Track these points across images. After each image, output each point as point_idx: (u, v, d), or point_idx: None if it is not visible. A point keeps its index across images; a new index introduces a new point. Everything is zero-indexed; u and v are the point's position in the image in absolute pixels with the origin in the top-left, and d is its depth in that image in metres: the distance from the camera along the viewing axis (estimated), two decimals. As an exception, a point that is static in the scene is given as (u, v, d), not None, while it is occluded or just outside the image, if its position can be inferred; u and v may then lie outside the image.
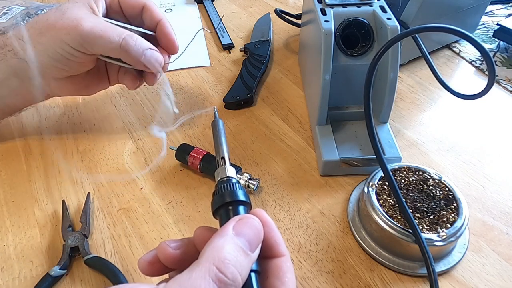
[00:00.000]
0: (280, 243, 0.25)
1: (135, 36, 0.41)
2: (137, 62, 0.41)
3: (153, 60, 0.42)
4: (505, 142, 0.47)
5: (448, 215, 0.34)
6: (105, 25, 0.40)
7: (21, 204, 0.42)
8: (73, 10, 0.40)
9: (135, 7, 0.44)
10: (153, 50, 0.42)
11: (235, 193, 0.25)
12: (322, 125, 0.45)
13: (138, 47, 0.40)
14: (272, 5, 0.77)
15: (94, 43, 0.39)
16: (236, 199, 0.25)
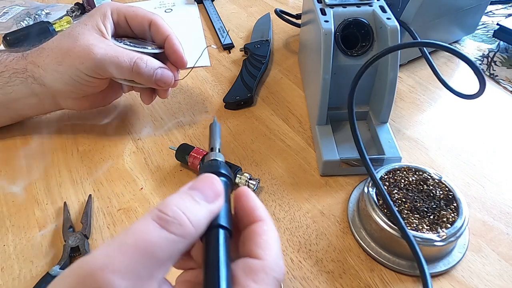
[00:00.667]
0: (257, 208, 0.24)
1: (145, 58, 0.42)
2: (149, 82, 0.43)
3: (164, 78, 0.44)
4: (505, 142, 0.47)
5: (448, 215, 0.34)
6: (116, 49, 0.41)
7: (21, 204, 0.42)
8: (84, 36, 0.41)
9: (142, 23, 0.45)
10: (163, 68, 0.44)
11: (216, 166, 0.25)
12: (322, 125, 0.45)
13: (149, 68, 0.42)
14: (272, 5, 0.77)
15: (107, 68, 0.41)
16: (214, 171, 0.25)
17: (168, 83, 0.44)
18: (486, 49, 0.61)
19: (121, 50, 0.42)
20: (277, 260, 0.22)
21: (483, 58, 0.59)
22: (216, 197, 0.22)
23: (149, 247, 0.19)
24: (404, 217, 0.34)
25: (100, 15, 0.43)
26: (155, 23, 0.45)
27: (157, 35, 0.45)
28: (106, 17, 0.44)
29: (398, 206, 0.35)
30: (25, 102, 0.45)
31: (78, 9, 0.74)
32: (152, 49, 0.45)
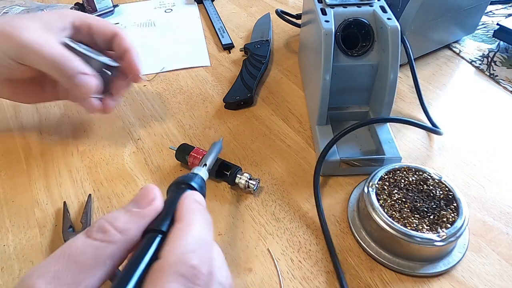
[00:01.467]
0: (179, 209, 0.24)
1: (72, 57, 0.39)
2: (68, 84, 0.40)
3: (84, 85, 0.39)
4: (505, 142, 0.47)
5: (448, 215, 0.34)
6: (47, 40, 0.38)
7: (21, 204, 0.42)
8: (24, 20, 0.39)
9: (106, 34, 0.43)
10: (88, 76, 0.40)
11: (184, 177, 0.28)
12: (322, 125, 0.45)
13: (71, 68, 0.38)
14: (272, 5, 0.77)
15: (27, 55, 0.38)
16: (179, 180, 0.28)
17: (88, 92, 0.40)
18: (486, 49, 0.61)
19: (52, 42, 0.39)
20: (182, 255, 0.20)
21: (483, 58, 0.59)
22: (149, 203, 0.23)
23: (73, 254, 0.20)
24: (404, 217, 0.34)
25: (59, 16, 0.42)
26: (120, 36, 0.43)
27: (119, 47, 0.44)
28: (64, 18, 0.42)
29: (398, 206, 0.35)
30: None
31: (78, 9, 0.74)
32: (108, 60, 0.43)
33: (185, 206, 0.24)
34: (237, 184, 0.41)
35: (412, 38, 0.54)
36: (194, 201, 0.25)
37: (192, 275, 0.20)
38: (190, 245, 0.21)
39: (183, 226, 0.22)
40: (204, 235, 0.23)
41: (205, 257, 0.21)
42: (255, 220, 0.39)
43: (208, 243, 0.23)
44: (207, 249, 0.22)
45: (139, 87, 0.57)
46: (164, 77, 0.59)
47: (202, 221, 0.23)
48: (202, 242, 0.22)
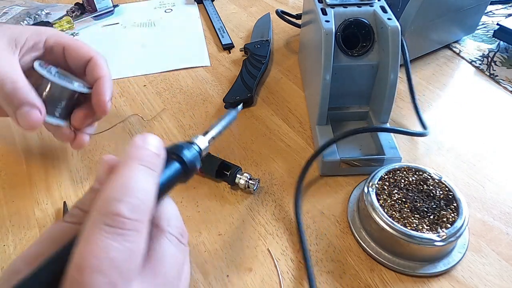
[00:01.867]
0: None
1: (19, 84, 0.35)
2: (9, 112, 0.37)
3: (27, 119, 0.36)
4: (505, 142, 0.47)
5: (448, 215, 0.34)
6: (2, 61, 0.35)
7: (21, 204, 0.42)
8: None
9: (81, 57, 0.40)
10: (34, 108, 0.36)
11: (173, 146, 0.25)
12: (322, 125, 0.45)
13: (16, 96, 0.35)
14: (272, 5, 0.77)
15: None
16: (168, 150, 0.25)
17: (28, 126, 0.36)
18: (486, 49, 0.61)
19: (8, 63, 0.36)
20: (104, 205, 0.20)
21: (483, 58, 0.59)
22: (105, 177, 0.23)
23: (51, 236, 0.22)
24: (404, 217, 0.34)
25: (33, 32, 0.39)
26: (94, 61, 0.40)
27: (92, 74, 0.40)
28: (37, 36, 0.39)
29: (398, 206, 0.35)
30: None
31: (78, 9, 0.74)
32: (78, 87, 0.38)
33: (125, 154, 0.23)
34: (237, 184, 0.41)
35: (412, 38, 0.54)
36: (137, 147, 0.23)
37: (120, 222, 0.19)
38: (116, 196, 0.20)
39: (115, 176, 0.21)
40: (138, 183, 0.21)
41: (137, 205, 0.20)
42: (255, 220, 0.39)
43: (144, 190, 0.21)
44: (143, 199, 0.21)
45: (139, 87, 0.57)
46: (164, 77, 0.59)
47: (138, 167, 0.22)
48: (133, 192, 0.21)
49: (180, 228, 0.24)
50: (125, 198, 0.20)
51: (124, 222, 0.20)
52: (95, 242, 0.19)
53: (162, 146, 0.24)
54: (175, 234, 0.23)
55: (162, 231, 0.23)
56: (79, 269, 0.18)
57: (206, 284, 0.34)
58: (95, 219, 0.20)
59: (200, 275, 0.35)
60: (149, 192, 0.21)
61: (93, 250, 0.19)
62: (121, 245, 0.19)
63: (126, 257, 0.19)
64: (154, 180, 0.22)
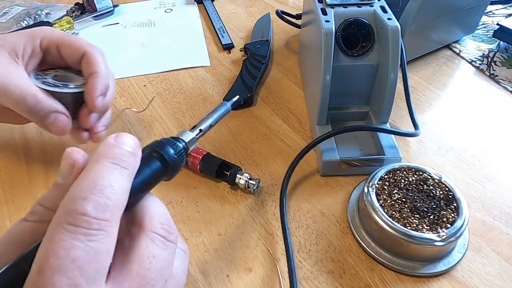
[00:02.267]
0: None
1: (40, 96, 0.36)
2: (41, 124, 0.38)
3: (57, 125, 0.38)
4: (505, 142, 0.47)
5: (448, 215, 0.34)
6: (14, 78, 0.36)
7: (21, 204, 0.42)
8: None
9: (74, 53, 0.40)
10: (58, 114, 0.38)
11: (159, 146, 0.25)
12: (322, 125, 0.45)
13: (39, 108, 0.36)
14: (272, 5, 0.77)
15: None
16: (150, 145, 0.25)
17: (61, 131, 0.38)
18: (486, 49, 0.61)
19: (19, 78, 0.36)
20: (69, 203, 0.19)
21: (483, 58, 0.59)
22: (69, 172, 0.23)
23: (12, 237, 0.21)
24: (404, 217, 0.34)
25: (27, 38, 0.39)
26: (88, 56, 0.39)
27: (85, 70, 0.39)
28: (32, 41, 0.39)
29: (398, 206, 0.35)
30: None
31: (78, 9, 0.74)
32: (73, 88, 0.39)
33: (96, 153, 0.22)
34: (237, 184, 0.41)
35: (412, 38, 0.54)
36: (109, 145, 0.22)
37: (85, 221, 0.18)
38: (81, 193, 0.19)
39: (82, 174, 0.21)
40: (106, 180, 0.20)
41: (104, 203, 0.19)
42: (255, 220, 0.39)
43: (114, 188, 0.20)
44: (111, 196, 0.20)
45: (139, 87, 0.57)
46: (164, 77, 0.59)
47: (108, 165, 0.21)
48: (100, 189, 0.19)
49: (166, 225, 0.22)
50: (91, 196, 0.19)
51: (89, 221, 0.18)
52: (57, 242, 0.18)
53: (138, 145, 0.23)
54: (159, 232, 0.22)
55: (144, 230, 0.21)
56: (40, 270, 0.18)
57: (206, 284, 0.34)
58: (59, 217, 0.19)
59: (200, 275, 0.35)
60: (119, 191, 0.20)
61: (54, 249, 0.18)
62: (85, 245, 0.18)
63: (91, 259, 0.18)
64: (126, 178, 0.21)
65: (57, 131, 0.38)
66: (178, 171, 0.25)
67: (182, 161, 0.25)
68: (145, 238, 0.21)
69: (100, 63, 0.40)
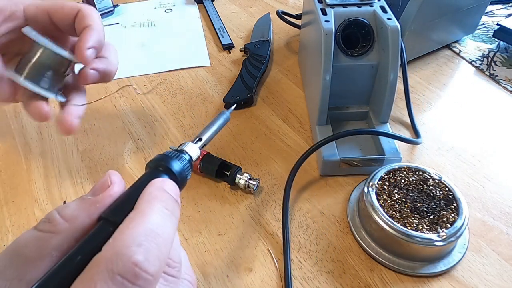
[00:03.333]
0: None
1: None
2: None
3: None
4: (505, 142, 0.47)
5: (448, 215, 0.34)
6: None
7: (21, 204, 0.42)
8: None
9: (68, 14, 0.36)
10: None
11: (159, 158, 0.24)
12: (322, 125, 0.45)
13: None
14: (272, 5, 0.77)
15: None
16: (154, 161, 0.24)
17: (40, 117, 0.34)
18: (486, 49, 0.61)
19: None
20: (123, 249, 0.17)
21: (483, 58, 0.59)
22: (102, 190, 0.21)
23: (17, 248, 0.19)
24: (404, 217, 0.34)
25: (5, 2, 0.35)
26: (81, 13, 0.36)
27: (79, 26, 0.36)
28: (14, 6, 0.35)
29: (398, 206, 0.35)
30: None
31: (78, 9, 0.74)
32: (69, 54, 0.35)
33: (147, 193, 0.21)
34: (237, 184, 0.41)
35: (412, 38, 0.54)
36: (160, 189, 0.21)
37: (133, 274, 0.16)
38: (137, 237, 0.18)
39: (135, 215, 0.19)
40: (159, 228, 0.19)
41: (154, 253, 0.18)
42: (255, 220, 0.39)
43: (165, 237, 0.19)
44: (160, 244, 0.18)
45: (139, 87, 0.57)
46: (164, 77, 0.59)
47: (162, 211, 0.20)
48: (154, 235, 0.18)
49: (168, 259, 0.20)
50: (146, 243, 0.17)
51: (138, 275, 0.17)
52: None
53: (179, 193, 0.22)
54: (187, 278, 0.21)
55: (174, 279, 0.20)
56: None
57: (206, 284, 0.34)
58: (107, 259, 0.17)
59: (200, 275, 0.35)
60: (169, 243, 0.19)
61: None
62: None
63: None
64: (175, 228, 0.20)
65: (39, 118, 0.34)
66: (184, 186, 0.24)
67: (189, 174, 0.24)
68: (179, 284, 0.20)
69: (95, 18, 0.36)
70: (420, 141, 0.45)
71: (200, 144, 0.27)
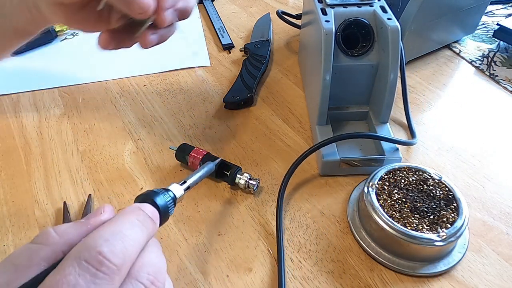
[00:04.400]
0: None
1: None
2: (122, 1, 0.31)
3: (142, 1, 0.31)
4: (505, 142, 0.47)
5: (448, 215, 0.34)
6: None
7: (21, 204, 0.42)
8: None
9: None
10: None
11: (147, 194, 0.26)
12: (322, 125, 0.45)
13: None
14: (272, 5, 0.77)
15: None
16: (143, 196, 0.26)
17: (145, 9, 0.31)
18: (486, 49, 0.61)
19: None
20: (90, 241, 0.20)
21: (483, 58, 0.59)
22: (95, 216, 0.24)
23: (12, 257, 0.21)
24: (404, 217, 0.34)
25: None
26: None
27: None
28: None
29: (398, 206, 0.35)
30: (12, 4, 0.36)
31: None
32: None
33: (124, 210, 0.24)
34: (237, 184, 0.41)
35: (412, 38, 0.54)
36: (135, 207, 0.24)
37: (97, 261, 0.19)
38: (104, 235, 0.20)
39: (108, 222, 0.22)
40: (127, 230, 0.21)
41: (119, 248, 0.20)
42: (255, 220, 0.39)
43: (133, 239, 0.21)
44: (126, 243, 0.21)
45: (139, 87, 0.57)
46: (164, 77, 0.59)
47: (133, 220, 0.23)
48: (121, 235, 0.21)
49: (151, 276, 0.22)
50: (112, 240, 0.20)
51: (101, 262, 0.19)
52: (64, 275, 0.18)
53: (158, 216, 0.25)
54: (143, 282, 0.21)
55: (129, 276, 0.21)
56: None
57: (206, 284, 0.34)
58: (77, 250, 0.20)
59: (200, 275, 0.35)
60: (136, 244, 0.22)
61: (59, 282, 0.18)
62: (88, 286, 0.18)
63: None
64: (144, 236, 0.23)
65: (140, 9, 0.31)
66: (167, 219, 0.27)
67: (172, 210, 0.27)
68: (128, 285, 0.21)
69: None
70: (414, 142, 0.45)
71: (185, 186, 0.30)
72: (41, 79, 0.57)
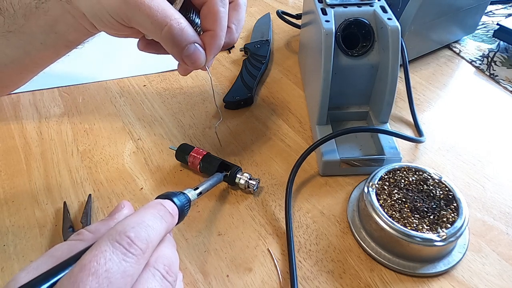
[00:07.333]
0: None
1: (184, 24, 0.33)
2: (176, 54, 0.35)
3: (194, 57, 0.35)
4: (505, 142, 0.47)
5: (448, 215, 0.34)
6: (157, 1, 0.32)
7: (21, 204, 0.42)
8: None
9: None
10: (197, 46, 0.35)
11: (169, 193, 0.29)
12: (322, 125, 0.45)
13: (182, 38, 0.33)
14: (272, 5, 0.77)
15: (133, 16, 0.32)
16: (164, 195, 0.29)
17: (196, 64, 0.35)
18: (486, 49, 0.61)
19: (163, 3, 0.33)
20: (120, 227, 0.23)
21: (483, 58, 0.59)
22: (117, 211, 0.28)
23: (52, 252, 0.24)
24: (404, 217, 0.34)
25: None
26: (208, 5, 0.35)
27: (204, 21, 0.36)
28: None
29: (398, 206, 0.35)
30: (65, 22, 0.38)
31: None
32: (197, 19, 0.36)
33: (146, 204, 0.27)
34: (237, 184, 0.41)
35: (412, 38, 0.54)
36: (157, 202, 0.27)
37: (127, 243, 0.22)
38: (130, 223, 0.23)
39: (132, 214, 0.25)
40: (149, 221, 0.24)
41: (143, 235, 0.23)
42: (255, 220, 0.39)
43: (154, 229, 0.24)
44: (149, 232, 0.24)
45: (139, 87, 0.57)
46: (164, 77, 0.59)
47: (154, 214, 0.25)
48: (144, 225, 0.24)
49: (167, 266, 0.25)
50: (137, 228, 0.23)
51: (130, 244, 0.22)
52: (101, 251, 0.21)
53: (177, 213, 0.28)
54: (160, 270, 0.24)
55: (148, 264, 0.24)
56: (81, 268, 0.20)
57: (206, 284, 0.34)
58: (109, 234, 0.22)
59: (200, 275, 0.35)
60: (157, 234, 0.24)
61: (97, 256, 0.21)
62: (119, 261, 0.21)
63: (119, 275, 0.21)
64: (164, 228, 0.25)
65: (193, 64, 0.35)
66: (182, 219, 0.29)
67: (187, 211, 0.30)
68: (148, 272, 0.24)
69: (219, 18, 0.35)
70: (423, 140, 0.45)
71: (198, 191, 0.33)
72: (41, 79, 0.57)
